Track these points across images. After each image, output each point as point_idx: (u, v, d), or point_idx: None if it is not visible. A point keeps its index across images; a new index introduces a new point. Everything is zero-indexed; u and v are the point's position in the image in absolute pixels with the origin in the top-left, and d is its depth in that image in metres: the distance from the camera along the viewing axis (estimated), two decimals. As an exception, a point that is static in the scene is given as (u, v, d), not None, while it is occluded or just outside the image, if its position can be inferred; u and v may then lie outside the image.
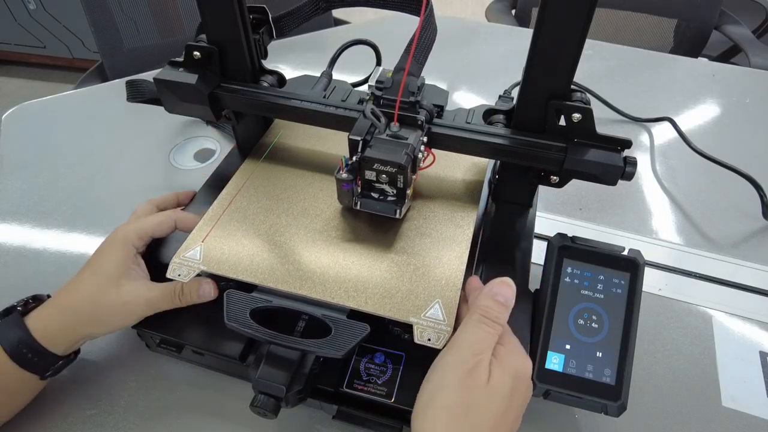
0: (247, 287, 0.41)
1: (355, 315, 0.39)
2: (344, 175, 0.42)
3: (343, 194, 0.44)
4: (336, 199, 0.47)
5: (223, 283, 0.44)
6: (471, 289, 0.40)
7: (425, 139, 0.43)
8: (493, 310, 0.35)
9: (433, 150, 0.46)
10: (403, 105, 0.41)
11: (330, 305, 0.40)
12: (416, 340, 0.38)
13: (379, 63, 0.57)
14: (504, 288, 0.36)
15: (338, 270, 0.42)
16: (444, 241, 0.44)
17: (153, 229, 0.45)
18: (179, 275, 0.41)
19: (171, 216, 0.46)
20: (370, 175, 0.41)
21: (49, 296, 0.44)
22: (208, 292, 0.43)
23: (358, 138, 0.40)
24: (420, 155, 0.42)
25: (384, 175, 0.41)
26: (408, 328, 0.39)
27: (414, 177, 0.44)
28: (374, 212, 0.44)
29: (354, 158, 0.41)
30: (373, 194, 0.43)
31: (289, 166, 0.51)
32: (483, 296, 0.36)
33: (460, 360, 0.32)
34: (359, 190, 0.43)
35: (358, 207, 0.44)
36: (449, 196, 0.49)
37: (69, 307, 0.41)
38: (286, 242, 0.44)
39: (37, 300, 0.43)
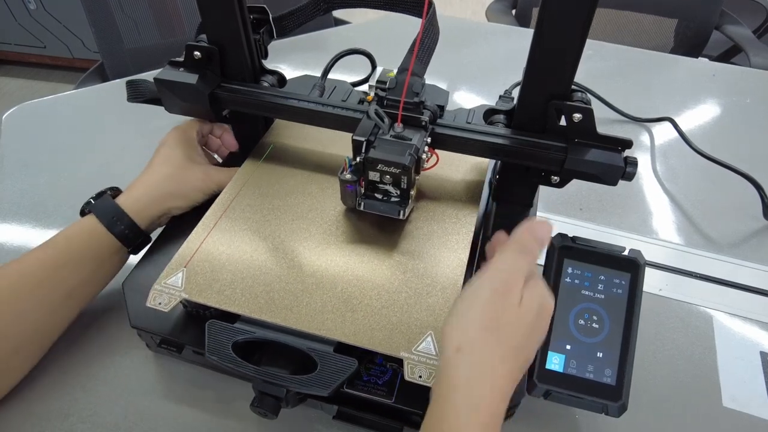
0: (232, 314, 0.40)
1: (343, 344, 0.38)
2: (348, 176, 0.41)
3: (347, 195, 0.43)
4: (326, 215, 0.46)
5: (207, 310, 0.42)
6: (498, 242, 0.40)
7: (429, 139, 0.43)
8: (531, 244, 0.36)
9: (436, 151, 0.46)
10: (407, 106, 0.41)
11: (316, 337, 0.38)
12: (407, 377, 0.36)
13: (373, 68, 0.57)
14: (541, 227, 0.37)
15: (326, 298, 0.40)
16: (439, 265, 0.43)
17: (200, 124, 0.52)
18: (160, 303, 0.39)
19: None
20: (373, 176, 0.41)
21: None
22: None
23: (362, 139, 0.40)
24: (424, 156, 0.42)
25: (388, 176, 0.41)
26: (400, 361, 0.37)
27: (417, 178, 0.44)
28: (378, 213, 0.43)
29: (358, 159, 0.40)
30: (376, 195, 0.43)
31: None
32: (522, 230, 0.37)
33: (496, 282, 0.34)
34: (363, 191, 0.43)
35: (361, 208, 0.43)
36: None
37: (152, 185, 0.48)
38: (273, 267, 0.42)
39: (114, 190, 0.48)
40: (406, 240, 0.44)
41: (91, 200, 0.47)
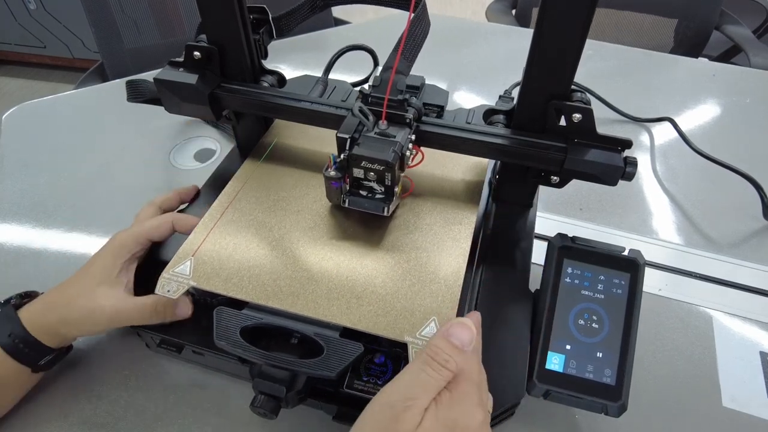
0: (239, 302, 0.40)
1: (348, 331, 0.39)
2: (332, 173, 0.42)
3: (332, 192, 0.43)
4: (331, 206, 0.47)
5: (215, 298, 0.43)
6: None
7: (413, 137, 0.43)
8: (443, 353, 0.31)
9: (424, 149, 0.46)
10: (391, 103, 0.41)
11: (322, 323, 0.39)
12: (411, 360, 0.37)
13: (375, 65, 0.57)
14: (460, 329, 0.32)
15: (331, 286, 0.41)
16: (442, 254, 0.43)
17: (150, 233, 0.45)
18: (168, 291, 0.40)
19: (168, 219, 0.46)
20: (358, 172, 0.41)
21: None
22: (184, 311, 0.43)
23: (346, 136, 0.40)
24: (408, 153, 0.42)
25: (372, 173, 0.41)
26: (404, 346, 0.38)
27: (402, 174, 0.44)
28: (362, 210, 0.43)
29: (342, 156, 0.41)
30: (361, 192, 0.43)
31: (288, 169, 0.51)
32: (437, 335, 0.33)
33: (389, 402, 0.30)
34: (348, 188, 0.43)
35: (346, 204, 0.43)
36: (449, 197, 0.48)
37: (53, 305, 0.41)
38: (279, 256, 0.43)
39: (30, 296, 0.43)
40: (410, 232, 0.45)
41: None
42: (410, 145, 0.42)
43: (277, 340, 0.39)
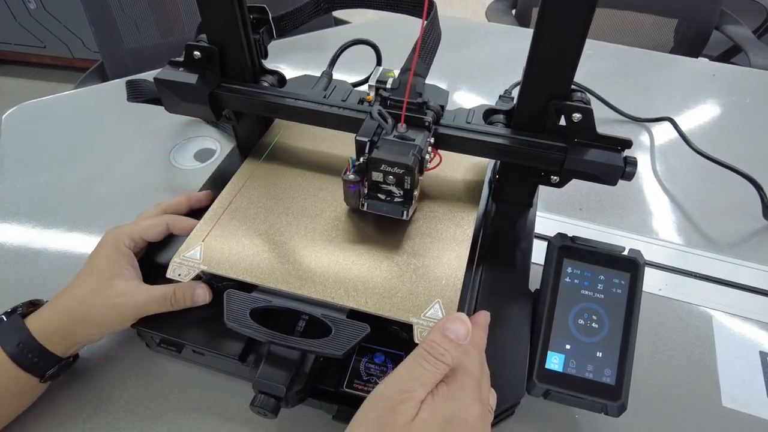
0: (248, 287, 0.41)
1: (355, 315, 0.39)
2: (351, 177, 0.42)
3: (350, 195, 0.44)
4: (336, 199, 0.47)
5: (223, 283, 0.43)
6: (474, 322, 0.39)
7: (432, 140, 0.43)
8: (439, 347, 0.32)
9: (439, 151, 0.46)
10: (410, 106, 0.41)
11: (330, 305, 0.40)
12: (416, 340, 0.38)
13: (379, 63, 0.57)
14: (456, 324, 0.33)
15: (338, 270, 0.42)
16: (444, 241, 0.44)
17: (144, 232, 0.45)
18: (179, 275, 0.41)
19: (163, 219, 0.46)
20: (377, 176, 0.41)
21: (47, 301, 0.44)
22: (202, 296, 0.43)
23: (366, 139, 0.40)
24: (427, 156, 0.42)
25: (391, 177, 0.41)
26: (407, 327, 0.39)
27: (420, 178, 0.44)
28: (381, 213, 0.43)
29: (361, 159, 0.41)
30: (379, 195, 0.43)
31: (290, 165, 0.51)
32: (433, 330, 0.34)
33: (386, 394, 0.30)
34: (366, 192, 0.43)
35: (365, 208, 0.44)
36: (450, 196, 0.49)
37: (64, 309, 0.41)
38: (287, 242, 0.44)
39: (35, 305, 0.43)
40: (414, 223, 0.46)
41: (3, 317, 0.41)
42: (429, 148, 0.42)
43: (284, 327, 0.40)
